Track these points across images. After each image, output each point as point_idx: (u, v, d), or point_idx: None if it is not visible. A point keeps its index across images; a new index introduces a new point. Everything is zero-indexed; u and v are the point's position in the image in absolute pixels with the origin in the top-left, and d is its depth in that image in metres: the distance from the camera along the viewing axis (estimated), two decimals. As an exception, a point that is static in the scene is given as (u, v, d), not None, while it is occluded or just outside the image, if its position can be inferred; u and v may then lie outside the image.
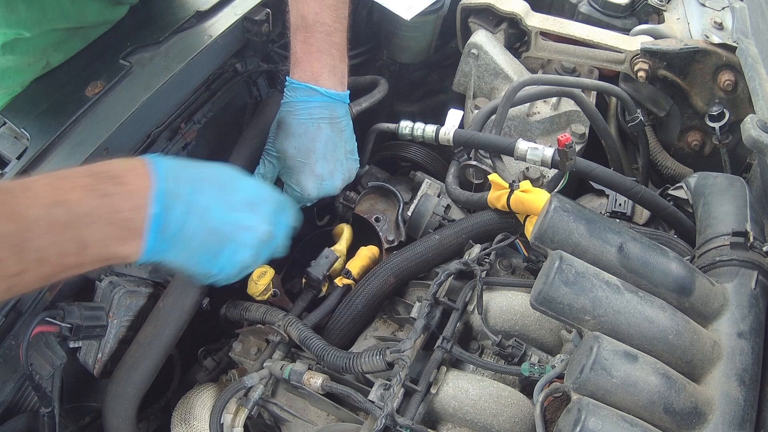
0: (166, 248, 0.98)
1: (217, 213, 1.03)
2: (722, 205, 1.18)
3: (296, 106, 1.30)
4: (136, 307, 1.29)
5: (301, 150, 1.30)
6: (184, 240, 0.99)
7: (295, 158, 1.31)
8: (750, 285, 1.02)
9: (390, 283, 1.30)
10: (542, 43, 1.72)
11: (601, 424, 0.81)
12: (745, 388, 0.91)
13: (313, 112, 1.31)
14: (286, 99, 1.32)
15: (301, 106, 1.30)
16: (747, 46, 1.43)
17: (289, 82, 1.32)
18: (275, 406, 1.22)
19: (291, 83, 1.31)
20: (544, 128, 1.66)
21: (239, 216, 1.06)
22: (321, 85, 1.31)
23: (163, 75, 1.26)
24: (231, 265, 1.07)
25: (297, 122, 1.30)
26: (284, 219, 1.14)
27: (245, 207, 1.07)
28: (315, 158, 1.31)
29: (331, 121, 1.33)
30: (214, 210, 1.02)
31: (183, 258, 1.02)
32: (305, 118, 1.30)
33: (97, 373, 1.26)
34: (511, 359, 1.11)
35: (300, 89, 1.30)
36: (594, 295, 0.92)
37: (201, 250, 1.02)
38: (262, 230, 1.07)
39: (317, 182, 1.33)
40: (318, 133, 1.31)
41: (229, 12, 1.40)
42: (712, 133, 1.50)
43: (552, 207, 1.02)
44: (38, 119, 1.20)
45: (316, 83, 1.31)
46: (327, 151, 1.33)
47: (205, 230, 1.01)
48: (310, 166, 1.31)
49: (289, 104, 1.31)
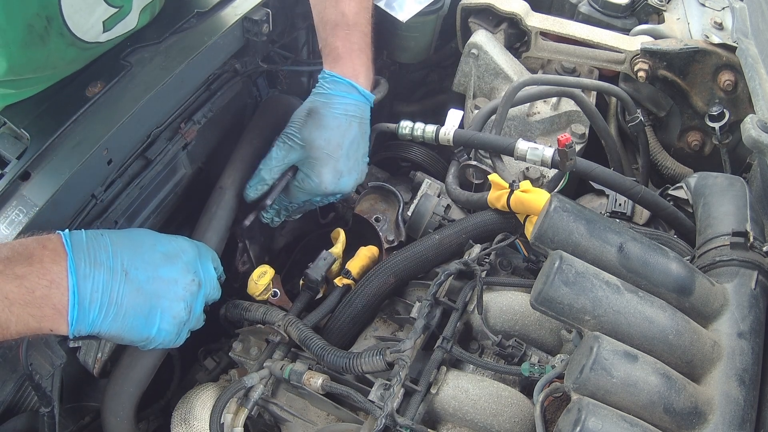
0: (96, 318, 1.00)
1: (140, 272, 1.05)
2: (722, 205, 1.18)
3: (334, 99, 1.32)
4: (136, 307, 1.29)
5: (331, 143, 1.32)
6: (113, 305, 1.01)
7: (323, 150, 1.32)
8: (750, 285, 1.02)
9: (390, 283, 1.30)
10: (542, 43, 1.72)
11: (601, 424, 0.81)
12: (745, 388, 0.91)
13: (349, 109, 1.33)
14: (323, 90, 1.33)
15: (339, 100, 1.32)
16: (747, 46, 1.43)
17: (329, 74, 1.33)
18: (275, 406, 1.22)
19: (333, 76, 1.32)
20: (544, 128, 1.66)
21: (161, 271, 1.08)
22: (360, 84, 1.33)
23: (163, 75, 1.26)
24: (166, 322, 1.08)
25: (332, 115, 1.32)
26: (207, 265, 1.16)
27: (165, 261, 1.09)
28: (341, 154, 1.33)
29: (361, 121, 1.35)
30: (136, 270, 1.04)
31: (117, 326, 1.03)
32: (340, 113, 1.32)
33: (96, 373, 1.26)
34: (511, 359, 1.11)
35: (341, 84, 1.32)
36: (594, 295, 0.92)
37: (132, 312, 1.04)
38: (187, 280, 1.10)
39: (336, 177, 1.34)
40: (349, 131, 1.33)
41: (229, 12, 1.40)
42: (712, 133, 1.50)
43: (552, 207, 1.02)
44: (38, 119, 1.20)
45: (357, 81, 1.33)
46: (351, 150, 1.35)
47: (132, 291, 1.03)
48: (335, 160, 1.33)
49: (327, 96, 1.32)
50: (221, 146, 1.53)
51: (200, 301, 1.15)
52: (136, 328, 1.05)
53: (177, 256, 1.12)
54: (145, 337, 1.08)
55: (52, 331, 0.98)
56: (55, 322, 0.97)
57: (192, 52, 1.31)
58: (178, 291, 1.09)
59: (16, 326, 0.94)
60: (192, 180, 1.48)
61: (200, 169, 1.50)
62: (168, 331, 1.09)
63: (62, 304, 0.96)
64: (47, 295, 0.95)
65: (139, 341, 1.08)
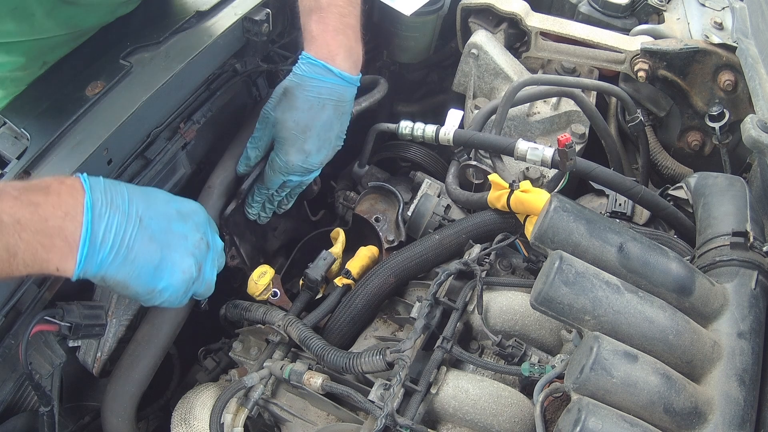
0: (106, 259, 0.99)
1: (153, 222, 1.05)
2: (722, 205, 1.18)
3: (307, 81, 1.30)
4: (135, 306, 1.29)
5: (299, 125, 1.31)
6: (124, 248, 1.00)
7: (291, 131, 1.31)
8: (750, 285, 1.02)
9: (390, 283, 1.30)
10: (542, 43, 1.72)
11: (601, 424, 0.81)
12: (745, 388, 0.91)
13: (323, 91, 1.30)
14: (298, 71, 1.31)
15: (312, 82, 1.30)
16: (747, 46, 1.43)
17: (305, 56, 1.31)
18: (275, 406, 1.22)
19: (307, 58, 1.30)
20: (544, 128, 1.66)
21: (174, 225, 1.09)
22: (337, 66, 1.30)
23: (163, 75, 1.26)
24: (176, 277, 1.08)
25: (303, 97, 1.30)
26: (213, 233, 1.18)
27: (178, 217, 1.11)
28: (309, 135, 1.32)
29: (336, 104, 1.33)
30: (150, 219, 1.05)
31: (125, 271, 1.02)
32: (313, 96, 1.30)
33: (96, 372, 1.26)
34: (511, 359, 1.11)
35: (315, 66, 1.30)
36: (594, 295, 0.92)
37: (141, 260, 1.03)
38: (197, 238, 1.11)
39: (303, 157, 1.34)
40: (320, 113, 1.31)
41: (229, 12, 1.40)
42: (712, 133, 1.50)
43: (552, 207, 1.02)
44: (38, 119, 1.20)
45: (333, 63, 1.30)
46: (322, 131, 1.33)
47: (144, 238, 1.03)
48: (302, 141, 1.32)
49: (300, 77, 1.30)
50: (220, 146, 1.53)
51: (209, 262, 1.15)
52: (143, 277, 1.04)
53: (189, 216, 1.13)
54: (151, 288, 1.06)
55: (57, 270, 0.96)
56: (63, 258, 0.96)
57: (192, 52, 1.31)
58: (188, 246, 1.10)
59: (24, 255, 0.92)
60: (191, 179, 1.48)
61: (199, 169, 1.50)
62: (176, 287, 1.09)
63: (74, 238, 0.95)
64: (60, 227, 0.94)
65: (144, 293, 1.07)
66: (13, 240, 0.90)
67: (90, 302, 1.22)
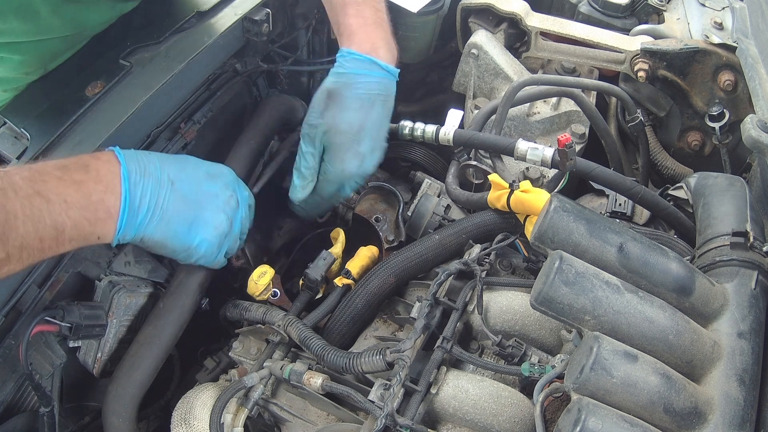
0: (143, 221, 1.08)
1: (184, 185, 1.14)
2: (722, 205, 1.18)
3: (355, 78, 1.24)
4: (136, 307, 1.29)
5: (353, 126, 1.24)
6: (159, 210, 1.10)
7: (346, 134, 1.25)
8: (750, 285, 1.02)
9: (390, 283, 1.30)
10: (542, 43, 1.72)
11: (601, 424, 0.81)
12: (745, 388, 0.91)
13: (372, 87, 1.25)
14: (342, 70, 1.25)
15: (360, 79, 1.24)
16: (747, 46, 1.43)
17: (347, 52, 1.25)
18: (275, 406, 1.22)
19: (350, 54, 1.25)
20: (544, 128, 1.66)
21: (204, 185, 1.18)
22: (381, 59, 1.26)
23: (163, 75, 1.26)
24: (209, 233, 1.16)
25: (354, 96, 1.24)
26: (243, 189, 1.26)
27: (207, 178, 1.19)
28: (363, 136, 1.26)
29: (385, 99, 1.28)
30: (181, 182, 1.14)
31: (161, 230, 1.11)
32: (363, 93, 1.24)
33: (96, 373, 1.26)
34: (511, 359, 1.11)
35: (360, 61, 1.24)
36: (594, 295, 0.92)
37: (176, 219, 1.12)
38: (226, 195, 1.19)
39: (359, 160, 1.28)
40: (372, 111, 1.26)
41: (229, 12, 1.40)
42: (712, 133, 1.50)
43: (552, 207, 1.02)
44: (38, 119, 1.20)
45: (377, 56, 1.25)
46: (374, 130, 1.28)
47: (177, 198, 1.12)
48: (357, 143, 1.26)
49: (347, 76, 1.24)
50: (221, 146, 1.53)
51: (239, 217, 1.22)
52: (179, 235, 1.13)
53: (217, 176, 1.21)
54: (187, 246, 1.15)
55: (99, 239, 1.05)
56: (105, 227, 1.04)
57: (192, 52, 1.31)
58: (219, 204, 1.18)
59: (70, 231, 1.00)
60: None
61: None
62: (210, 242, 1.17)
63: (115, 208, 1.05)
64: (102, 200, 1.03)
65: (181, 250, 1.16)
66: (61, 219, 0.98)
67: (90, 303, 1.22)
